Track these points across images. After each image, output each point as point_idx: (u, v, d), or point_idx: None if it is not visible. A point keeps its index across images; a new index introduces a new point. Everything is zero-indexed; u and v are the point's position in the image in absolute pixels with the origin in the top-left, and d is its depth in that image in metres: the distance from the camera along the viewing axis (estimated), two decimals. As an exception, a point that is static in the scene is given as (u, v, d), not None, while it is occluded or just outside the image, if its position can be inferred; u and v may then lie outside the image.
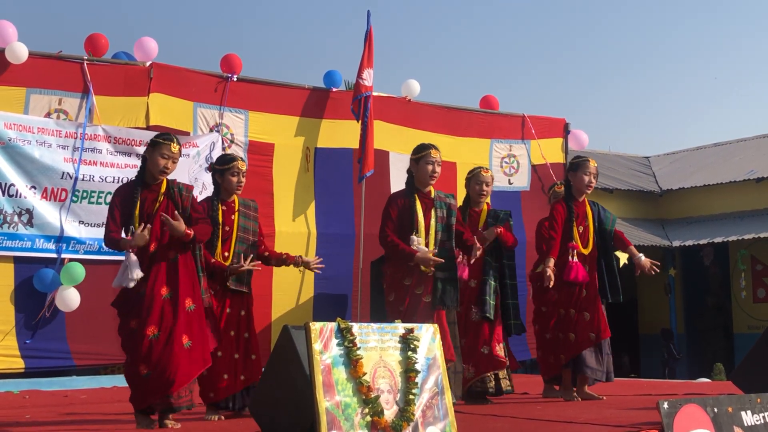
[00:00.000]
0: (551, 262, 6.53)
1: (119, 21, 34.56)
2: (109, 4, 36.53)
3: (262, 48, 40.07)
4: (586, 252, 6.74)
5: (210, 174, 6.34)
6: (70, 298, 8.07)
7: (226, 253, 5.98)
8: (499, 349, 6.76)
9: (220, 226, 5.97)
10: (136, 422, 5.17)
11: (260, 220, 6.36)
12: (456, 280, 6.14)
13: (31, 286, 8.06)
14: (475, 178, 7.09)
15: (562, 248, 6.67)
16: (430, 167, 6.12)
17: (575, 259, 6.64)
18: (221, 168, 6.11)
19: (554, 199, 7.49)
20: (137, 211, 5.24)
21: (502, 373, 6.84)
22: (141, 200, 5.27)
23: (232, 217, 6.07)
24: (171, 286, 5.21)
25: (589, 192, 6.83)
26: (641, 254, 6.78)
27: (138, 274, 5.10)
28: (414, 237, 5.99)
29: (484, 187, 7.07)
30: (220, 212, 6.00)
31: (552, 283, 6.45)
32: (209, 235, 5.56)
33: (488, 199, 7.28)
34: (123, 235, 5.26)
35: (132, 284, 5.10)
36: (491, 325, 6.79)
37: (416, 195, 6.15)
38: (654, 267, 6.70)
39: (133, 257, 5.12)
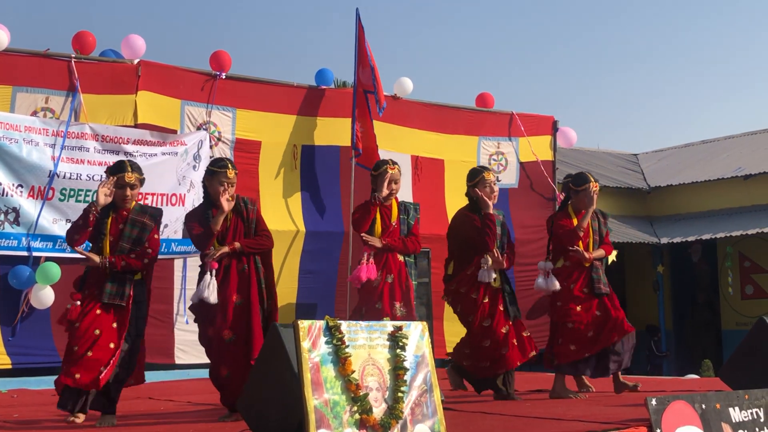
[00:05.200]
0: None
1: (107, 19, 34.48)
2: (96, 2, 36.43)
3: (250, 45, 40.02)
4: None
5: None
6: (45, 296, 8.04)
7: None
8: None
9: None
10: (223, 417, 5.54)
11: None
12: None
13: (6, 283, 8.03)
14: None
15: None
16: (488, 189, 6.69)
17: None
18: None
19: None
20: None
21: None
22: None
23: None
24: (243, 294, 5.55)
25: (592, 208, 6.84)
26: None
27: (215, 299, 5.50)
28: (487, 257, 6.58)
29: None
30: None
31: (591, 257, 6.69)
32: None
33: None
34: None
35: (213, 301, 5.48)
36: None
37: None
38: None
39: (214, 282, 5.47)
